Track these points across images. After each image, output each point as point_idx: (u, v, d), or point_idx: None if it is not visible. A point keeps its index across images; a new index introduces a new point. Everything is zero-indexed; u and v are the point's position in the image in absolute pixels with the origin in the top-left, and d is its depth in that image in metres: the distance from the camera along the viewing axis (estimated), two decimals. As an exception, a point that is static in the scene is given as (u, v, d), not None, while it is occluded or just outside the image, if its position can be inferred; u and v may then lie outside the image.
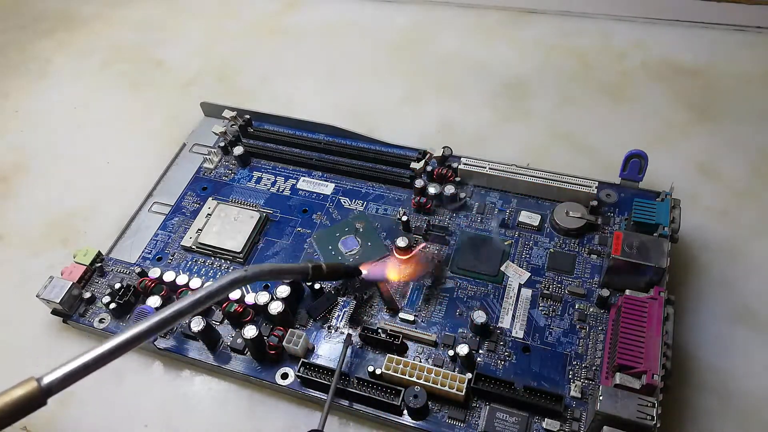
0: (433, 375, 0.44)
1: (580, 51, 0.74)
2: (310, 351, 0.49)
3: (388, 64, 0.76)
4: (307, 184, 0.61)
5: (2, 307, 0.57)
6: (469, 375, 0.44)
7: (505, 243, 0.51)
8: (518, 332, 0.48)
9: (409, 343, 0.48)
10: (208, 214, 0.58)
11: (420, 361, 0.47)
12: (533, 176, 0.55)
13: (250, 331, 0.46)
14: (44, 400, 0.30)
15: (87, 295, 0.53)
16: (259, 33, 0.84)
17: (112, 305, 0.52)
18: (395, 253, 0.52)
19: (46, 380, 0.30)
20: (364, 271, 0.50)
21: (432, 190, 0.56)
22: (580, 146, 0.64)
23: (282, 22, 0.85)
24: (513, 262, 0.52)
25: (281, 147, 0.63)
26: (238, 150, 0.62)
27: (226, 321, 0.51)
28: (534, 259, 0.52)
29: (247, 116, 0.65)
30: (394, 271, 0.52)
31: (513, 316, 0.49)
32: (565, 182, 0.54)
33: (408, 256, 0.52)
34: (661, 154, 0.60)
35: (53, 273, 0.54)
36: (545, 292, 0.50)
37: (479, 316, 0.47)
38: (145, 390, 0.50)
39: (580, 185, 0.54)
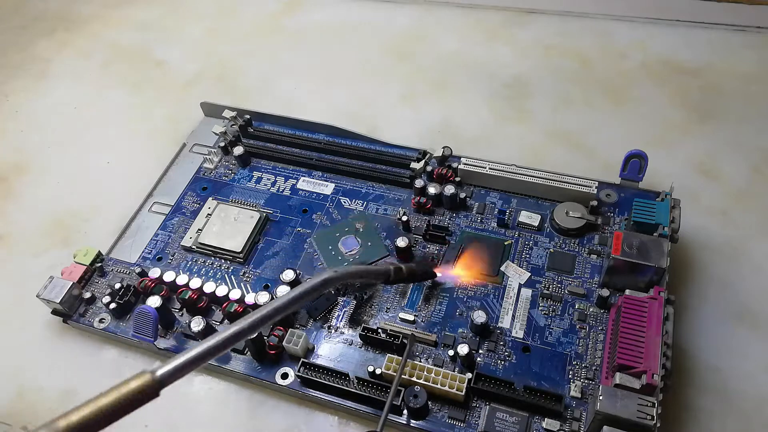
0: (433, 375, 0.44)
1: (580, 51, 0.74)
2: (310, 351, 0.49)
3: (388, 64, 0.76)
4: (307, 184, 0.61)
5: (2, 307, 0.57)
6: (469, 375, 0.44)
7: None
8: (518, 332, 0.48)
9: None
10: (208, 214, 0.58)
11: (420, 361, 0.47)
12: (533, 176, 0.55)
13: (250, 331, 0.46)
14: (157, 392, 0.32)
15: (87, 295, 0.53)
16: (259, 33, 0.84)
17: (112, 305, 0.52)
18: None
19: (159, 373, 0.32)
20: (439, 273, 0.51)
21: (432, 190, 0.56)
22: (580, 146, 0.64)
23: (282, 23, 0.85)
24: (513, 262, 0.52)
25: (281, 147, 0.63)
26: (238, 150, 0.62)
27: (226, 321, 0.51)
28: (534, 259, 0.52)
29: (247, 116, 0.65)
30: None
31: (513, 316, 0.49)
32: (565, 182, 0.54)
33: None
34: (661, 154, 0.60)
35: (53, 273, 0.54)
36: (545, 292, 0.50)
37: (479, 316, 0.47)
38: (145, 390, 0.50)
39: (580, 185, 0.54)
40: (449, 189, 0.55)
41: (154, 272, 0.53)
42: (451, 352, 0.46)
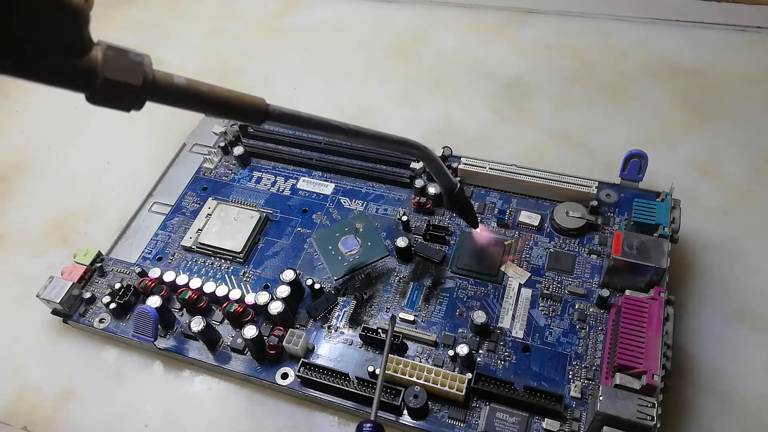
0: (433, 375, 0.44)
1: (580, 51, 0.74)
2: (310, 351, 0.49)
3: (388, 64, 0.76)
4: (307, 184, 0.61)
5: (2, 307, 0.57)
6: (469, 375, 0.44)
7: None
8: (518, 332, 0.48)
9: (409, 343, 0.48)
10: (208, 214, 0.58)
11: (420, 361, 0.47)
12: (533, 176, 0.55)
13: (250, 331, 0.46)
14: (263, 119, 0.33)
15: (87, 295, 0.53)
16: (259, 33, 0.84)
17: (112, 305, 0.52)
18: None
19: (273, 106, 0.34)
20: (479, 230, 0.53)
21: (432, 190, 0.56)
22: (580, 146, 0.64)
23: (282, 22, 0.85)
24: (513, 262, 0.52)
25: (281, 147, 0.63)
26: (238, 150, 0.62)
27: (226, 321, 0.51)
28: (534, 259, 0.52)
29: (247, 116, 0.65)
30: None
31: (513, 316, 0.49)
32: (565, 182, 0.54)
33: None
34: (661, 154, 0.60)
35: (53, 273, 0.54)
36: (545, 292, 0.50)
37: (479, 316, 0.47)
38: (145, 390, 0.50)
39: (580, 185, 0.54)
40: (449, 189, 0.55)
41: (154, 272, 0.53)
42: (451, 352, 0.46)
